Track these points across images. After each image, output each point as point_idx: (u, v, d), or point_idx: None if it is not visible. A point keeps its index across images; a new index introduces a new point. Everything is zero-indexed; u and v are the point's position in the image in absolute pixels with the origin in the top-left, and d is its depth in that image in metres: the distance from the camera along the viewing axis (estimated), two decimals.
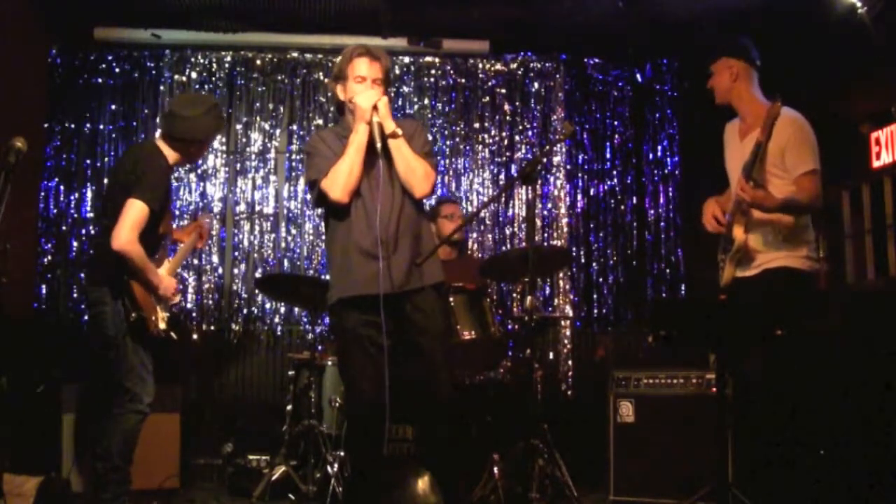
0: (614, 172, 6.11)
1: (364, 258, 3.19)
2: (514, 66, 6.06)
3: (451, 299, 4.18)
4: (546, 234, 5.98)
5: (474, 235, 5.92)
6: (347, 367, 3.31)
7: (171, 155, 3.80)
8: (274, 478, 4.29)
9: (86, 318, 5.46)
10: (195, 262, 5.69)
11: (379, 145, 3.19)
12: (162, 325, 3.81)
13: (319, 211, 5.79)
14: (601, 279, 6.03)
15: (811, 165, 3.35)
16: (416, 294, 3.25)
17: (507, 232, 5.99)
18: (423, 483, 3.02)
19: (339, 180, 3.20)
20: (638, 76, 6.17)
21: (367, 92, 3.25)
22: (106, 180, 5.61)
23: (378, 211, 3.17)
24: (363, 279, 3.19)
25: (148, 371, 3.76)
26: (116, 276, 3.62)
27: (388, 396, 3.09)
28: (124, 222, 3.52)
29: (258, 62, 5.89)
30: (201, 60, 5.85)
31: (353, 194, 3.23)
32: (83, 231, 5.64)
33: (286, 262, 5.79)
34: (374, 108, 3.22)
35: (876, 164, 4.81)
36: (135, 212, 3.54)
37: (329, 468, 4.22)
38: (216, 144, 5.81)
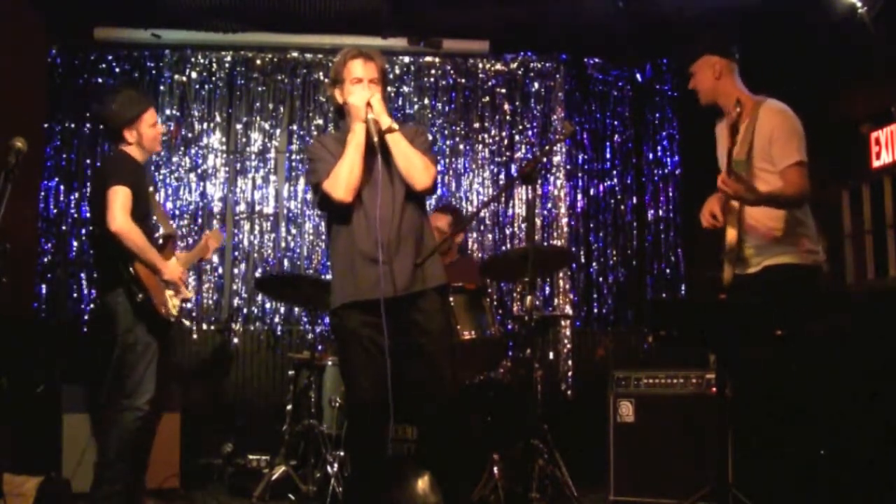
0: (614, 172, 6.12)
1: (366, 262, 3.19)
2: (514, 66, 6.07)
3: (451, 299, 4.17)
4: (546, 234, 5.98)
5: (474, 235, 5.93)
6: (348, 367, 3.32)
7: (130, 150, 3.92)
8: (274, 478, 4.29)
9: (86, 317, 5.49)
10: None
11: (376, 140, 3.19)
12: (173, 311, 3.87)
13: (319, 210, 5.81)
14: (601, 279, 6.03)
15: (797, 157, 3.31)
16: (420, 297, 3.26)
17: (507, 232, 5.99)
18: (423, 483, 3.02)
19: (341, 180, 3.19)
20: (638, 76, 6.17)
21: (359, 92, 3.25)
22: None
23: (378, 214, 3.17)
24: (366, 284, 3.18)
25: (153, 371, 3.77)
26: (121, 266, 3.69)
27: (391, 397, 3.09)
28: (113, 207, 3.64)
29: (258, 62, 5.89)
30: (201, 60, 5.85)
31: (356, 195, 3.23)
32: (83, 231, 5.64)
33: (286, 262, 5.80)
34: (368, 105, 3.22)
35: (876, 164, 4.81)
36: (118, 195, 3.66)
37: (329, 468, 4.22)
38: (216, 144, 5.82)
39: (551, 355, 5.81)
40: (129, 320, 3.73)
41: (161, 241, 4.04)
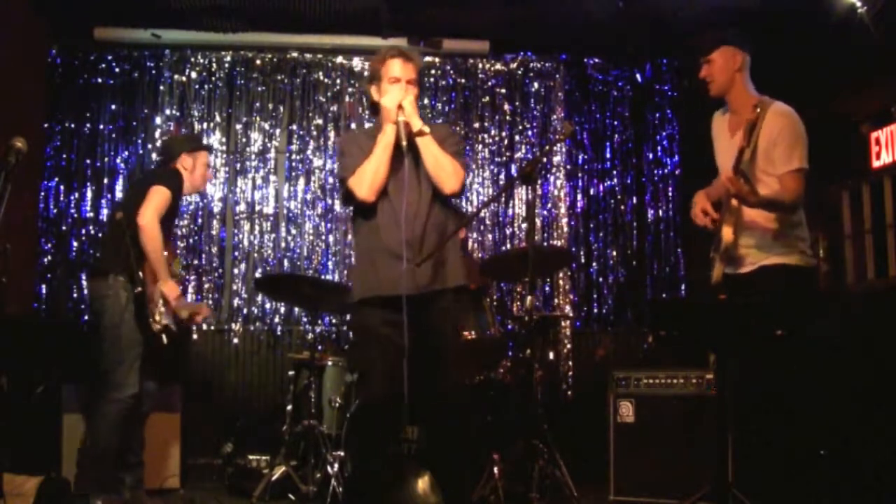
0: (614, 172, 6.12)
1: (390, 259, 3.21)
2: (514, 66, 6.07)
3: None
4: (546, 234, 5.98)
5: (474, 235, 5.92)
6: (364, 364, 3.36)
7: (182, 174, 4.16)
8: (274, 478, 4.28)
9: (86, 317, 5.49)
10: (195, 261, 5.69)
11: (405, 143, 3.21)
12: (156, 326, 3.93)
13: (319, 211, 5.83)
14: (601, 279, 6.03)
15: (797, 164, 3.31)
16: (438, 295, 3.27)
17: (507, 232, 5.99)
18: (423, 483, 3.02)
19: (366, 179, 3.22)
20: (638, 76, 6.17)
21: (392, 92, 3.28)
22: (106, 180, 5.68)
23: (404, 211, 3.18)
24: (387, 280, 3.20)
25: (138, 366, 3.86)
26: (127, 255, 3.81)
27: (406, 397, 3.09)
28: (149, 203, 3.86)
29: (258, 62, 5.89)
30: (201, 60, 5.85)
31: (380, 194, 3.26)
32: (83, 231, 5.64)
33: (286, 262, 5.80)
34: (400, 107, 3.24)
35: (876, 164, 4.81)
36: (158, 195, 3.90)
37: (329, 468, 4.22)
38: (216, 144, 5.82)
39: (551, 355, 5.80)
40: (119, 312, 3.83)
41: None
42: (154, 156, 5.72)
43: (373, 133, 3.36)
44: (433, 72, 5.99)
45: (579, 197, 6.07)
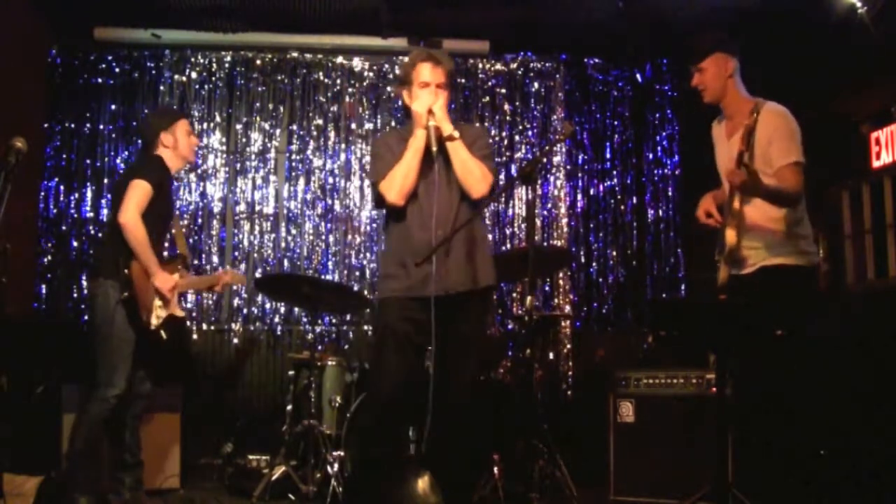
0: (614, 172, 6.12)
1: (417, 260, 3.22)
2: (514, 66, 6.07)
3: None
4: (546, 234, 5.98)
5: None
6: (376, 362, 3.40)
7: (164, 155, 4.08)
8: (274, 478, 4.28)
9: (85, 317, 5.49)
10: (195, 261, 5.69)
11: (435, 148, 3.24)
12: (154, 320, 3.89)
13: (319, 211, 5.84)
14: (601, 279, 6.03)
15: (794, 157, 3.32)
16: (467, 296, 3.30)
17: (507, 232, 5.99)
18: (423, 483, 3.02)
19: (395, 184, 3.28)
20: (638, 76, 6.17)
21: (423, 97, 3.32)
22: (106, 180, 5.67)
23: (434, 213, 3.21)
24: (415, 280, 3.24)
25: (126, 367, 3.84)
26: (120, 260, 3.79)
27: (430, 396, 3.12)
28: (128, 199, 3.80)
29: (258, 62, 5.89)
30: (201, 60, 5.85)
31: (410, 197, 3.30)
32: (83, 231, 5.64)
33: (286, 262, 5.80)
34: (430, 111, 3.28)
35: (876, 164, 4.81)
36: (136, 190, 3.82)
37: (329, 468, 4.22)
38: (216, 144, 5.82)
39: (551, 355, 5.81)
40: (108, 313, 3.82)
41: (169, 256, 4.16)
42: None
43: (404, 134, 3.41)
44: None
45: (579, 197, 6.07)
